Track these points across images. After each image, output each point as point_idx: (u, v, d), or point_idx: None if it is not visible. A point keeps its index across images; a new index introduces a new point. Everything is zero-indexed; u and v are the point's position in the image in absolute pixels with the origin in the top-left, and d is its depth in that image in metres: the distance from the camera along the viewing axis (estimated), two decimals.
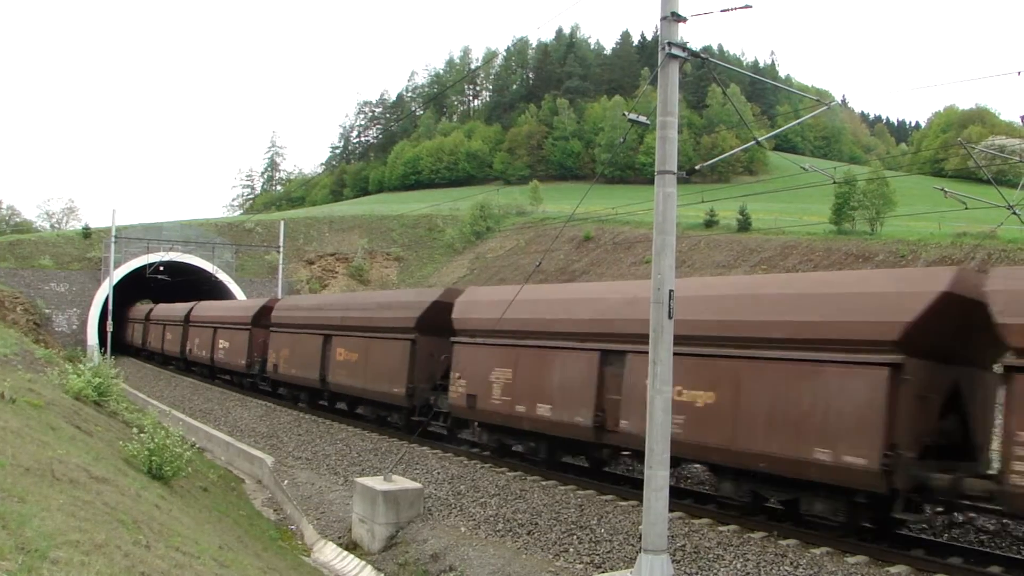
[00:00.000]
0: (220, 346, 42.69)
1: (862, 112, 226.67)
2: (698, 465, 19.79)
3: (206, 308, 49.31)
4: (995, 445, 13.75)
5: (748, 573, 13.13)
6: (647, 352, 11.89)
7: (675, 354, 11.93)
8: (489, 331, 21.12)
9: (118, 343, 64.18)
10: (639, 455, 16.45)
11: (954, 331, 13.33)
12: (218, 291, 68.72)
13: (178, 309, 55.12)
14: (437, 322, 24.29)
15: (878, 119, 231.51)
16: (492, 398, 20.93)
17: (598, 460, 20.85)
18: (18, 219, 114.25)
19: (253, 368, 38.30)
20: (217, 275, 70.04)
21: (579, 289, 24.36)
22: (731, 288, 17.26)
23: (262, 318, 37.92)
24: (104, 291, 62.33)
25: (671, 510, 12.72)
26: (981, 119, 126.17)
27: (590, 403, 18.14)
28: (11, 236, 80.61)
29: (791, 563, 13.25)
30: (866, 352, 13.26)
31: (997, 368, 13.72)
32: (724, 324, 15.56)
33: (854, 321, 13.47)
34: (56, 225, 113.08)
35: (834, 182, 24.87)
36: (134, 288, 72.04)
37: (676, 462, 16.19)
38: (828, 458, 13.41)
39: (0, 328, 40.75)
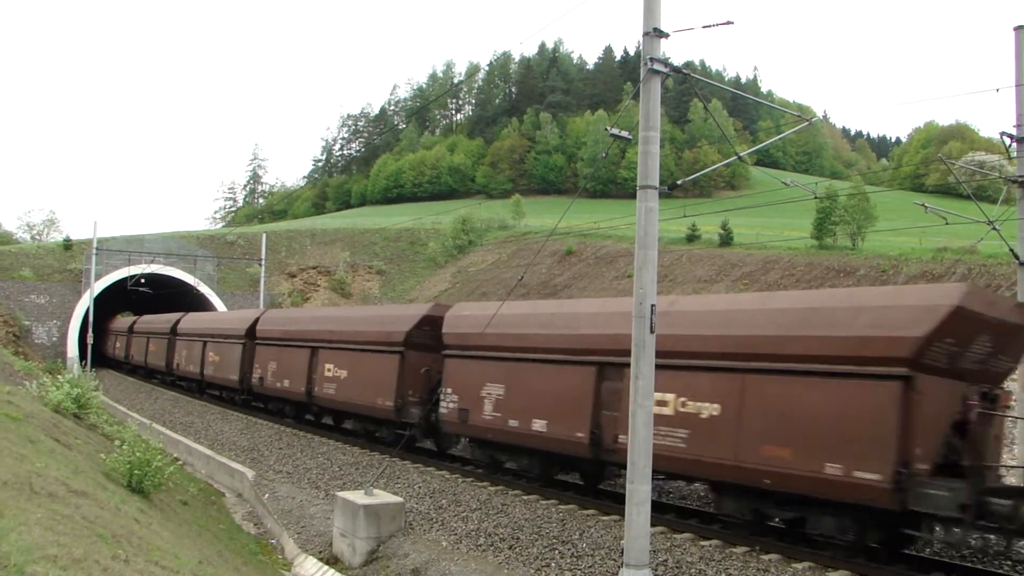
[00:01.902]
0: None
1: (843, 128, 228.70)
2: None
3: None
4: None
5: None
6: None
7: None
8: None
9: (99, 355, 63.75)
10: None
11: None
12: (199, 304, 68.40)
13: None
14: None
15: (859, 135, 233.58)
16: None
17: None
18: None
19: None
20: (199, 288, 69.79)
21: None
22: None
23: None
24: (84, 303, 61.92)
25: (653, 525, 12.73)
26: (961, 135, 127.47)
27: None
28: None
29: None
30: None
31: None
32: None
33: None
34: (37, 237, 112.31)
35: (815, 197, 25.03)
36: (115, 300, 71.61)
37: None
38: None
39: None
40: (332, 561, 18.01)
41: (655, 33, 12.01)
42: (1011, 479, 12.85)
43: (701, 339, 15.92)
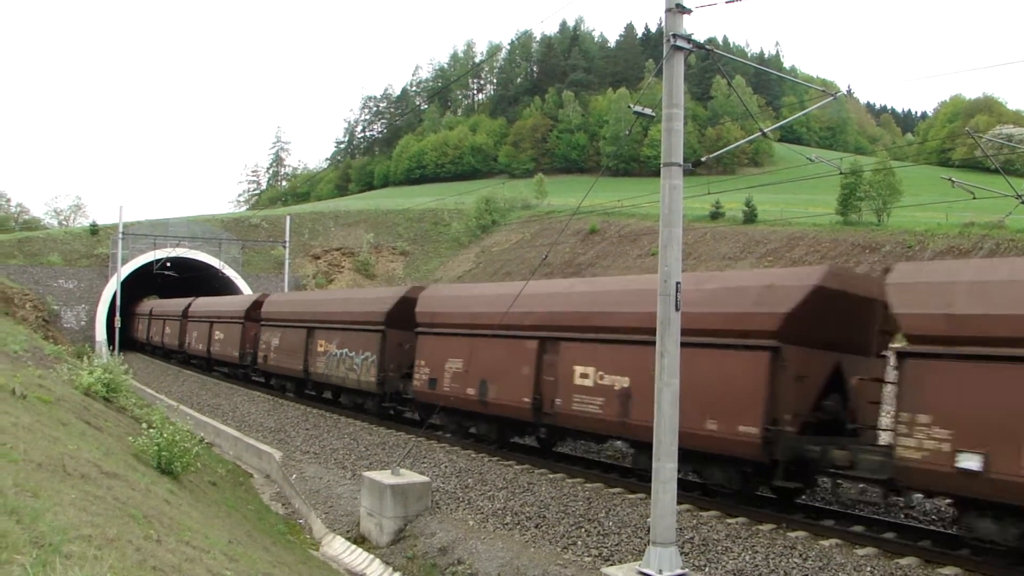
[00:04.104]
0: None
1: (868, 102, 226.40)
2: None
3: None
4: None
5: (757, 565, 13.14)
6: None
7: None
8: None
9: (126, 339, 64.42)
10: None
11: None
12: (225, 287, 68.88)
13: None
14: None
15: (884, 109, 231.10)
16: None
17: None
18: (27, 216, 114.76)
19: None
20: (224, 271, 70.28)
21: None
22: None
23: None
24: (112, 287, 62.54)
25: (679, 502, 12.74)
26: (988, 108, 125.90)
27: None
28: (20, 233, 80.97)
29: (800, 555, 13.25)
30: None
31: None
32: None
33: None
34: (64, 222, 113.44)
35: (840, 173, 24.80)
36: (142, 284, 72.23)
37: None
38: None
39: (10, 325, 40.92)
40: (360, 540, 18.15)
41: (678, 9, 11.91)
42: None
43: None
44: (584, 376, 18.81)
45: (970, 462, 11.77)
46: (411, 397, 26.40)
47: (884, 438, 15.97)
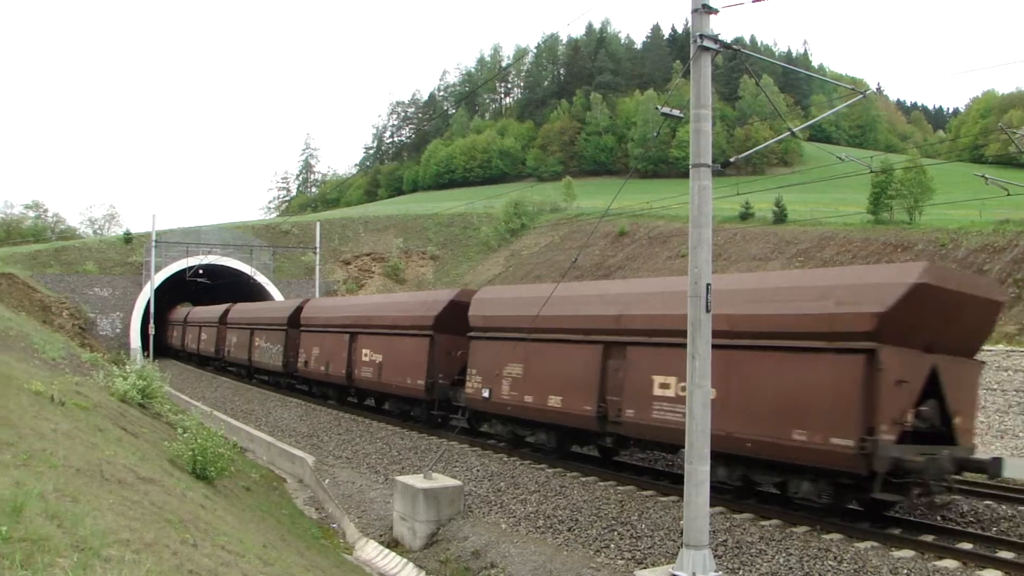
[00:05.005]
0: None
1: (898, 100, 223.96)
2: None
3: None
4: None
5: (791, 568, 13.04)
6: None
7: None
8: None
9: (161, 345, 65.16)
10: None
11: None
12: (256, 293, 69.39)
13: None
14: None
15: (914, 106, 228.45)
16: None
17: None
18: (63, 226, 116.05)
19: None
20: (255, 277, 70.82)
21: None
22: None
23: None
24: (145, 295, 63.27)
25: (712, 505, 12.68)
26: (1022, 103, 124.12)
27: None
28: (57, 243, 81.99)
29: (835, 558, 13.13)
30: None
31: None
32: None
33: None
34: (98, 231, 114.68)
35: (871, 171, 24.59)
36: (175, 291, 72.94)
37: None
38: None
39: (48, 333, 41.43)
40: (393, 544, 18.22)
41: (704, 9, 11.88)
42: None
43: None
44: (366, 355, 30.78)
45: (486, 393, 22.78)
46: (299, 375, 38.26)
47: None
